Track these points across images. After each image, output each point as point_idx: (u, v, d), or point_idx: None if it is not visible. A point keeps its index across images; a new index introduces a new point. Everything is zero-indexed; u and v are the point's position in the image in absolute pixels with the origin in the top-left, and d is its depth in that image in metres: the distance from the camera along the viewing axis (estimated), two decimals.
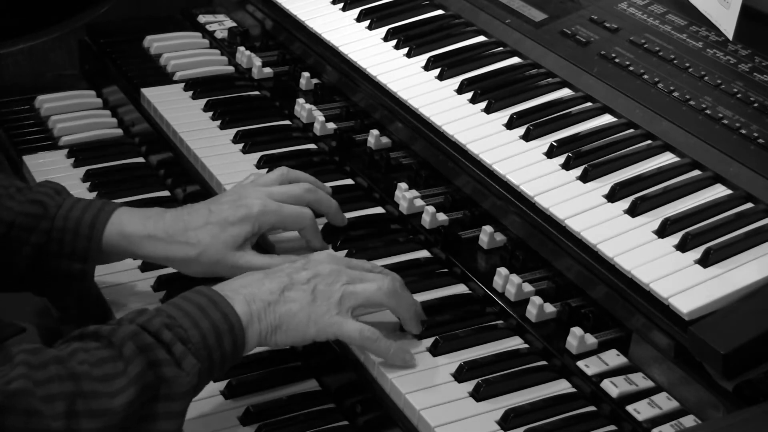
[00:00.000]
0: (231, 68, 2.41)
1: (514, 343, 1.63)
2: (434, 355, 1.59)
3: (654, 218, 1.61)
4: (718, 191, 1.66)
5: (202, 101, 2.25)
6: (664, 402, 1.48)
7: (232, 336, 1.49)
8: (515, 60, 2.05)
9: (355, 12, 2.25)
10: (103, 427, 1.35)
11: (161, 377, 1.41)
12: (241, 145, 2.10)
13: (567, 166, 1.73)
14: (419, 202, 1.87)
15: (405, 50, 2.10)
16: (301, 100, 2.18)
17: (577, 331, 1.57)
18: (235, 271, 1.68)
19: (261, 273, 1.59)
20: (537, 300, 1.63)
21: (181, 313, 1.47)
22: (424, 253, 1.82)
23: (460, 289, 1.74)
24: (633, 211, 1.62)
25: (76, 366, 1.36)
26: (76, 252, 1.72)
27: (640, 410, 1.47)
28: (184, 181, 2.13)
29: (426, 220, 1.83)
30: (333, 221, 1.84)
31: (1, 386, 1.31)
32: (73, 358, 1.37)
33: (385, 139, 2.07)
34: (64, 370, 1.35)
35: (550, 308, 1.64)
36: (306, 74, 2.27)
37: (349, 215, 1.89)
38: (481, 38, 2.13)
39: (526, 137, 1.81)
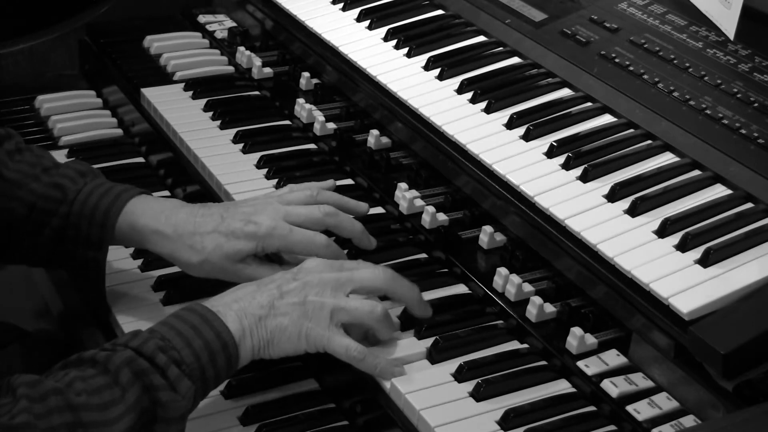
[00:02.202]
0: (231, 68, 2.41)
1: (514, 343, 1.63)
2: (434, 355, 1.59)
3: (654, 218, 1.61)
4: (718, 191, 1.66)
5: (202, 101, 2.25)
6: (664, 402, 1.48)
7: (225, 354, 1.49)
8: (515, 60, 2.05)
9: (355, 12, 2.25)
10: None
11: (157, 402, 1.41)
12: (241, 145, 2.10)
13: (567, 166, 1.73)
14: (419, 202, 1.87)
15: (405, 50, 2.10)
16: (301, 100, 2.18)
17: (577, 331, 1.57)
18: (238, 279, 1.68)
19: (254, 285, 1.59)
20: (537, 300, 1.63)
21: (174, 333, 1.47)
22: (424, 254, 1.82)
23: (460, 289, 1.74)
24: (633, 211, 1.62)
25: (74, 397, 1.37)
26: (90, 239, 1.73)
27: (640, 410, 1.47)
28: (184, 181, 2.13)
29: (426, 220, 1.83)
30: (360, 245, 1.78)
31: (6, 421, 1.32)
32: (71, 389, 1.38)
33: (385, 139, 2.07)
34: (63, 401, 1.36)
35: (550, 308, 1.64)
36: (306, 74, 2.27)
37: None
38: (481, 38, 2.13)
39: (526, 137, 1.81)
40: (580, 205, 1.65)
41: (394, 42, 2.13)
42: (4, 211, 1.74)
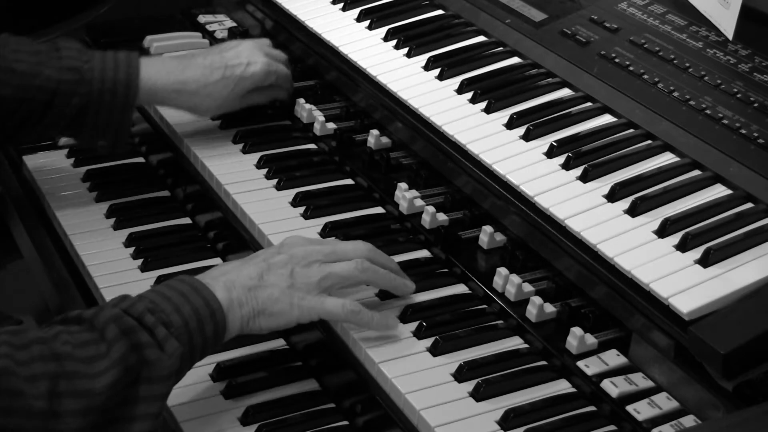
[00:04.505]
0: None
1: (514, 343, 1.63)
2: (434, 355, 1.59)
3: (654, 218, 1.61)
4: (718, 191, 1.66)
5: None
6: (664, 402, 1.49)
7: (213, 321, 1.51)
8: (515, 60, 2.05)
9: (355, 12, 2.25)
10: (85, 408, 1.36)
11: (144, 360, 1.42)
12: (241, 145, 2.10)
13: (567, 166, 1.73)
14: (419, 202, 1.87)
15: (405, 50, 2.10)
16: (301, 100, 2.18)
17: (577, 331, 1.57)
18: (246, 101, 2.11)
19: (239, 261, 1.63)
20: (537, 300, 1.63)
21: (163, 298, 1.49)
22: (424, 253, 1.82)
23: (460, 289, 1.74)
24: (633, 211, 1.62)
25: (59, 347, 1.37)
26: (115, 106, 1.97)
27: (640, 410, 1.47)
28: (184, 181, 2.13)
29: (426, 220, 1.83)
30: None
31: None
32: (56, 340, 1.38)
33: (385, 139, 2.07)
34: (47, 351, 1.36)
35: (550, 308, 1.64)
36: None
37: (349, 215, 1.90)
38: (481, 38, 2.13)
39: (526, 137, 1.81)
40: (580, 205, 1.65)
41: (394, 42, 2.13)
42: (25, 102, 1.94)
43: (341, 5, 2.29)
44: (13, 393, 1.32)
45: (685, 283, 1.48)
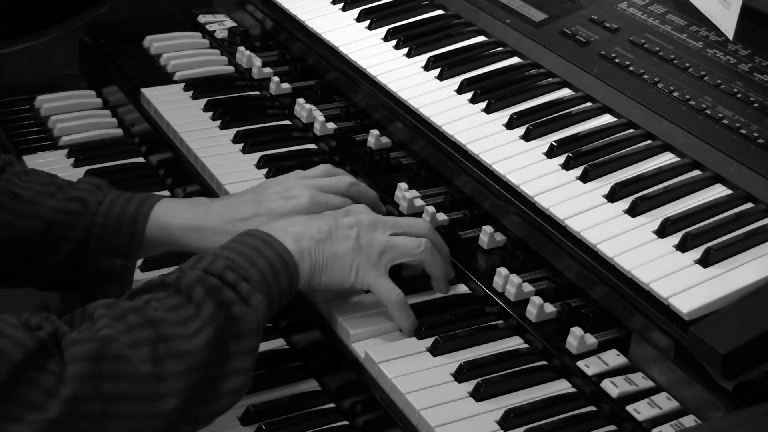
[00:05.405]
0: (231, 68, 2.41)
1: (514, 343, 1.63)
2: (434, 355, 1.59)
3: (654, 218, 1.61)
4: (718, 191, 1.66)
5: (202, 101, 2.25)
6: (664, 402, 1.49)
7: (287, 272, 1.54)
8: (515, 60, 2.05)
9: (355, 12, 2.25)
10: (186, 369, 1.40)
11: (232, 316, 1.45)
12: (241, 145, 2.10)
13: (567, 166, 1.73)
14: (419, 202, 1.87)
15: (405, 50, 2.10)
16: (301, 100, 2.18)
17: (577, 331, 1.57)
18: None
19: (306, 216, 1.64)
20: (537, 300, 1.63)
21: (238, 254, 1.51)
22: None
23: (460, 289, 1.74)
24: (633, 211, 1.62)
25: (152, 313, 1.41)
26: (117, 248, 1.73)
27: (640, 410, 1.47)
28: (184, 181, 2.13)
29: (426, 219, 1.83)
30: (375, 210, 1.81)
31: (92, 335, 1.36)
32: (147, 307, 1.42)
33: (385, 139, 2.07)
34: (142, 318, 1.40)
35: (550, 308, 1.64)
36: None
37: None
38: (481, 38, 2.13)
39: (526, 137, 1.81)
40: (580, 205, 1.65)
41: (394, 42, 2.13)
42: (20, 230, 1.72)
43: (341, 5, 2.29)
44: (120, 358, 1.36)
45: (685, 283, 1.48)
